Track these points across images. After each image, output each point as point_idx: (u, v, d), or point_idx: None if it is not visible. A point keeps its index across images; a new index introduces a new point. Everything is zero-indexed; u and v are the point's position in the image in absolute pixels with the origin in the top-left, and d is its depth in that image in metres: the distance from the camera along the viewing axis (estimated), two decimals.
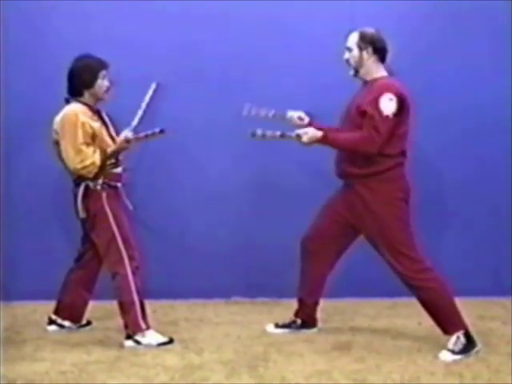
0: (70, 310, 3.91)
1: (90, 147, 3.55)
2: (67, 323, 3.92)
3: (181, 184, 4.69)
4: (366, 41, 3.54)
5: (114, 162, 3.67)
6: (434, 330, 3.62)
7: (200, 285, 4.66)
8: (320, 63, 4.54)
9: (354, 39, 3.58)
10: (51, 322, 3.93)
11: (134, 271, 3.59)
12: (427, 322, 3.74)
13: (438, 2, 4.68)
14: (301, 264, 3.85)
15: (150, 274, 3.75)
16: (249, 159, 4.66)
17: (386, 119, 3.43)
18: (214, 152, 4.65)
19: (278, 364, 3.32)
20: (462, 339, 3.44)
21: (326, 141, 3.57)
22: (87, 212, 3.62)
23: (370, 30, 3.58)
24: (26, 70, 4.58)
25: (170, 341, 3.65)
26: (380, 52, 3.56)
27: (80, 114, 3.56)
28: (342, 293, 4.43)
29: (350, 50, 3.59)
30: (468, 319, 3.52)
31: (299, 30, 4.67)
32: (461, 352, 3.41)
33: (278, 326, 3.96)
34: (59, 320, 3.91)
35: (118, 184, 3.72)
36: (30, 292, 4.46)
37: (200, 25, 4.66)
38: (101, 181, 3.61)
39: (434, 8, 4.68)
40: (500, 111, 4.73)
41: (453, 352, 3.41)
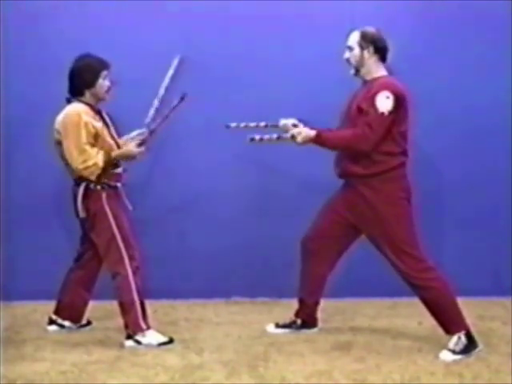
0: (70, 310, 3.91)
1: (93, 148, 3.55)
2: (67, 323, 3.92)
3: (181, 184, 4.69)
4: (367, 40, 3.54)
5: (115, 163, 3.67)
6: (435, 330, 3.63)
7: (200, 285, 4.66)
8: (320, 63, 4.54)
9: (355, 38, 3.58)
10: (51, 321, 3.93)
11: (134, 271, 3.59)
12: (427, 322, 3.74)
13: (438, 3, 4.68)
14: (301, 264, 3.85)
15: (150, 274, 3.75)
16: (249, 159, 4.66)
17: (381, 117, 3.43)
18: (213, 152, 4.65)
19: (278, 364, 3.32)
20: (463, 339, 3.44)
21: (320, 140, 3.58)
22: (87, 212, 3.62)
23: (371, 29, 3.58)
24: (25, 70, 4.58)
25: (170, 341, 3.64)
26: (381, 51, 3.56)
27: (83, 114, 3.55)
28: (342, 293, 4.43)
29: (351, 49, 3.59)
30: (468, 319, 3.51)
31: (299, 30, 4.67)
32: (461, 352, 3.41)
33: (278, 325, 3.96)
34: (59, 320, 3.92)
35: (118, 184, 3.72)
36: (30, 292, 4.46)
37: (200, 25, 4.66)
38: (101, 180, 3.60)
39: (433, 8, 4.68)
40: (500, 112, 4.72)
41: (453, 352, 3.41)
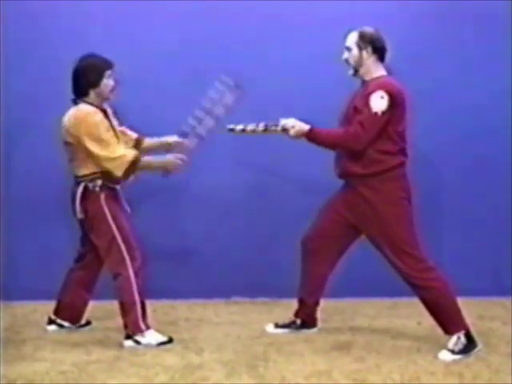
0: (70, 311, 3.91)
1: (120, 143, 3.56)
2: (67, 323, 3.92)
3: (180, 184, 4.68)
4: (365, 40, 3.54)
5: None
6: (434, 330, 3.62)
7: (200, 285, 4.66)
8: (320, 63, 4.53)
9: (353, 39, 3.58)
10: (51, 321, 3.93)
11: (136, 272, 3.58)
12: (427, 322, 3.74)
13: (438, 3, 4.67)
14: (301, 264, 3.85)
15: (150, 273, 3.74)
16: (249, 158, 4.66)
17: (375, 116, 3.42)
18: (213, 152, 4.63)
19: (278, 364, 3.32)
20: (462, 339, 3.43)
21: (312, 135, 3.56)
22: (85, 212, 3.62)
23: (369, 29, 3.57)
24: (26, 70, 4.58)
25: (170, 340, 3.64)
26: (379, 51, 3.55)
27: (95, 113, 3.52)
28: (342, 293, 4.43)
29: (349, 49, 3.58)
30: (468, 319, 3.51)
31: (299, 30, 4.66)
32: (461, 352, 3.40)
33: (277, 325, 3.95)
34: (59, 320, 3.91)
35: (117, 186, 3.71)
36: (30, 292, 4.46)
37: (200, 25, 4.66)
38: (100, 182, 3.60)
39: (433, 8, 4.67)
40: (500, 111, 4.72)
41: (453, 352, 3.40)
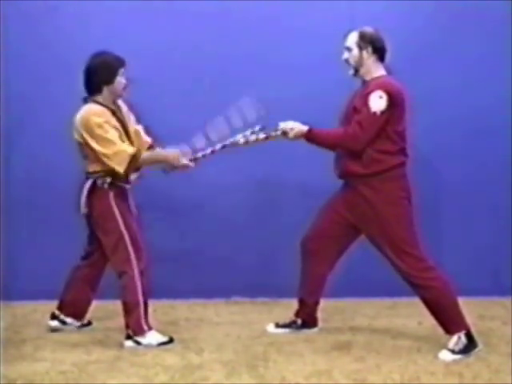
0: (74, 307, 3.90)
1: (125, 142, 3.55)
2: (70, 320, 3.90)
3: (180, 184, 4.67)
4: (365, 40, 3.54)
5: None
6: (434, 330, 3.63)
7: (200, 285, 4.66)
8: (320, 63, 4.54)
9: (353, 39, 3.58)
10: (54, 317, 3.91)
11: (141, 272, 3.57)
12: (427, 322, 3.74)
13: (438, 2, 4.68)
14: (301, 264, 3.85)
15: (150, 273, 3.75)
16: (248, 159, 4.64)
17: (373, 116, 3.43)
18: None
19: (277, 364, 3.32)
20: (463, 339, 3.43)
21: (311, 135, 3.58)
22: (92, 209, 3.60)
23: (369, 29, 3.58)
24: (26, 70, 4.58)
25: (170, 340, 3.64)
26: (379, 51, 3.56)
27: (100, 114, 3.51)
28: (342, 293, 4.43)
29: (349, 49, 3.59)
30: (468, 319, 3.51)
31: (299, 30, 4.67)
32: (461, 352, 3.40)
33: (278, 325, 3.95)
34: (62, 316, 3.90)
35: (126, 185, 3.70)
36: (30, 292, 4.46)
37: (200, 25, 4.66)
38: (109, 180, 3.59)
39: (433, 8, 4.68)
40: (500, 112, 4.73)
41: (453, 352, 3.40)
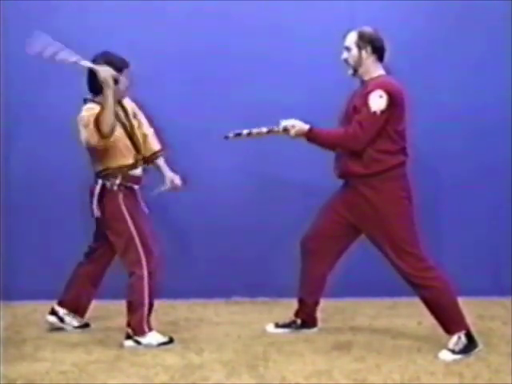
0: (76, 304, 3.90)
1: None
2: (68, 319, 3.89)
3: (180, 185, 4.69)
4: (364, 40, 3.54)
5: (133, 164, 3.66)
6: (434, 330, 3.63)
7: (200, 285, 4.66)
8: (320, 63, 4.54)
9: (352, 39, 3.58)
10: (53, 312, 3.90)
11: (150, 273, 3.57)
12: (427, 322, 3.74)
13: (438, 3, 4.68)
14: (301, 264, 3.85)
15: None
16: (249, 159, 4.66)
17: (373, 116, 3.43)
18: (213, 152, 4.64)
19: (277, 364, 3.32)
20: (463, 339, 3.43)
21: (311, 134, 3.58)
22: (103, 211, 3.60)
23: (368, 29, 3.58)
24: (25, 71, 4.58)
25: (170, 340, 3.64)
26: (379, 51, 3.55)
27: (94, 114, 3.47)
28: (342, 293, 4.43)
29: (348, 49, 3.58)
30: (468, 319, 3.51)
31: (299, 30, 4.67)
32: (461, 352, 3.40)
33: (278, 325, 3.96)
34: (61, 313, 3.89)
35: (135, 186, 3.69)
36: (30, 292, 4.46)
37: (200, 25, 4.66)
38: (118, 181, 3.59)
39: (434, 8, 4.68)
40: (500, 112, 4.72)
41: (453, 352, 3.40)
